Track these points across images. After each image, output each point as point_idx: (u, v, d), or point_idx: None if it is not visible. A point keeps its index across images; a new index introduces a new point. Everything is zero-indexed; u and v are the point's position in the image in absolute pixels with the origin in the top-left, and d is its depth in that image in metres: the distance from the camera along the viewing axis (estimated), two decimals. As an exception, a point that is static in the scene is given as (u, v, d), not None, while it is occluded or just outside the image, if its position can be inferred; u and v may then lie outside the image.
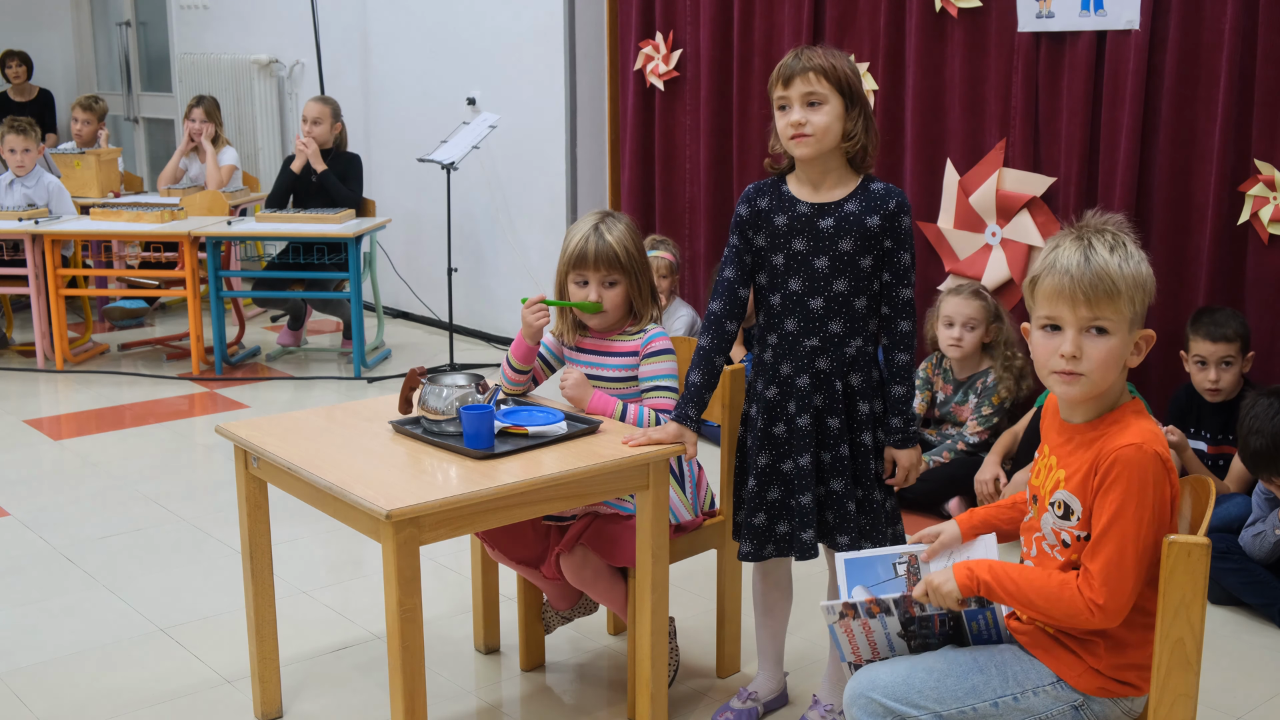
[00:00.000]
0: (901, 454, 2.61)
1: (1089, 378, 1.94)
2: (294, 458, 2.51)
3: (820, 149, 2.51)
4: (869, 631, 2.10)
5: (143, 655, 3.18)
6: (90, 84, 9.75)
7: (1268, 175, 3.67)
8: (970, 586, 2.00)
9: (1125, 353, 1.96)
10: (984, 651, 2.07)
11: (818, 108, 2.49)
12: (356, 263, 5.75)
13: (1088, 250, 1.92)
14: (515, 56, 6.25)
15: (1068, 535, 1.99)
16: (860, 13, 4.69)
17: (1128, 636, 1.98)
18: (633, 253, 2.80)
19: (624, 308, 2.83)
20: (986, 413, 4.12)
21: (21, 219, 5.85)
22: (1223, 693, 2.96)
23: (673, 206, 5.58)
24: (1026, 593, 1.95)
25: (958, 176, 4.45)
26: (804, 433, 2.58)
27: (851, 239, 2.52)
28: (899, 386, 2.60)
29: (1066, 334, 1.94)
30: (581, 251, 2.78)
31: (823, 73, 2.49)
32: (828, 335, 2.56)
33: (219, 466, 4.65)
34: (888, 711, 2.02)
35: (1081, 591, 1.91)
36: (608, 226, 2.80)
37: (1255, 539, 3.33)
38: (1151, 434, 1.93)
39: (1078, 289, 1.91)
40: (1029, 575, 1.98)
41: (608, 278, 2.79)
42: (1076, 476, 1.97)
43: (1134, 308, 1.93)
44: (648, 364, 2.80)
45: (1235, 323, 3.64)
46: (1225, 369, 3.63)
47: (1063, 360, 1.94)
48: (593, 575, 2.78)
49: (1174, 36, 3.83)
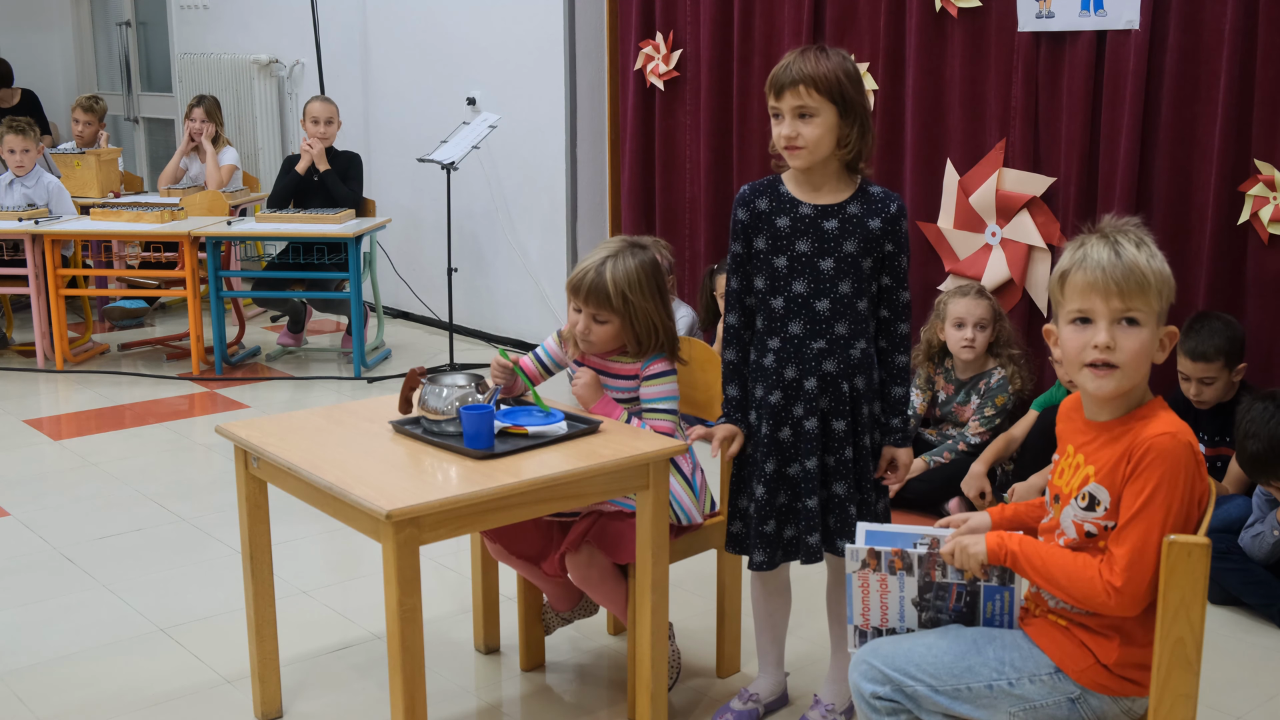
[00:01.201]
0: (902, 453, 2.62)
1: (1123, 370, 1.95)
2: (294, 458, 2.51)
3: (814, 160, 2.51)
4: (884, 590, 2.11)
5: (143, 655, 3.18)
6: (90, 84, 9.74)
7: (1268, 175, 3.67)
8: (998, 554, 2.03)
9: (1154, 347, 1.98)
10: (986, 635, 2.09)
11: (809, 120, 2.48)
12: (356, 263, 5.75)
13: (1116, 246, 1.96)
14: (515, 56, 6.25)
15: (1092, 526, 1.99)
16: (860, 13, 4.69)
17: (1142, 634, 1.98)
18: (630, 295, 2.70)
19: (616, 341, 2.78)
20: (989, 414, 4.12)
21: (21, 219, 5.85)
22: (1223, 693, 2.96)
23: (673, 206, 5.58)
24: (1051, 568, 1.98)
25: (958, 176, 4.45)
26: (811, 436, 2.58)
27: (855, 241, 2.52)
28: (898, 388, 2.61)
29: (1099, 325, 1.96)
30: (577, 281, 2.74)
31: (813, 84, 2.45)
32: (834, 337, 2.56)
33: (219, 466, 4.65)
34: (886, 679, 2.06)
35: (1101, 573, 1.93)
36: (616, 262, 2.72)
37: (1254, 540, 3.33)
38: (1182, 426, 1.96)
39: (1110, 281, 1.93)
40: (1056, 552, 2.00)
41: (597, 314, 2.75)
42: (1105, 469, 1.98)
43: (1161, 302, 1.97)
44: (648, 385, 2.79)
45: (1219, 339, 3.55)
46: (1206, 385, 3.61)
47: (1096, 351, 1.95)
48: (598, 575, 2.78)
49: (1174, 36, 3.83)
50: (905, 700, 2.05)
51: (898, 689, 2.05)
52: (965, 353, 4.13)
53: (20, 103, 8.02)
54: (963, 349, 4.13)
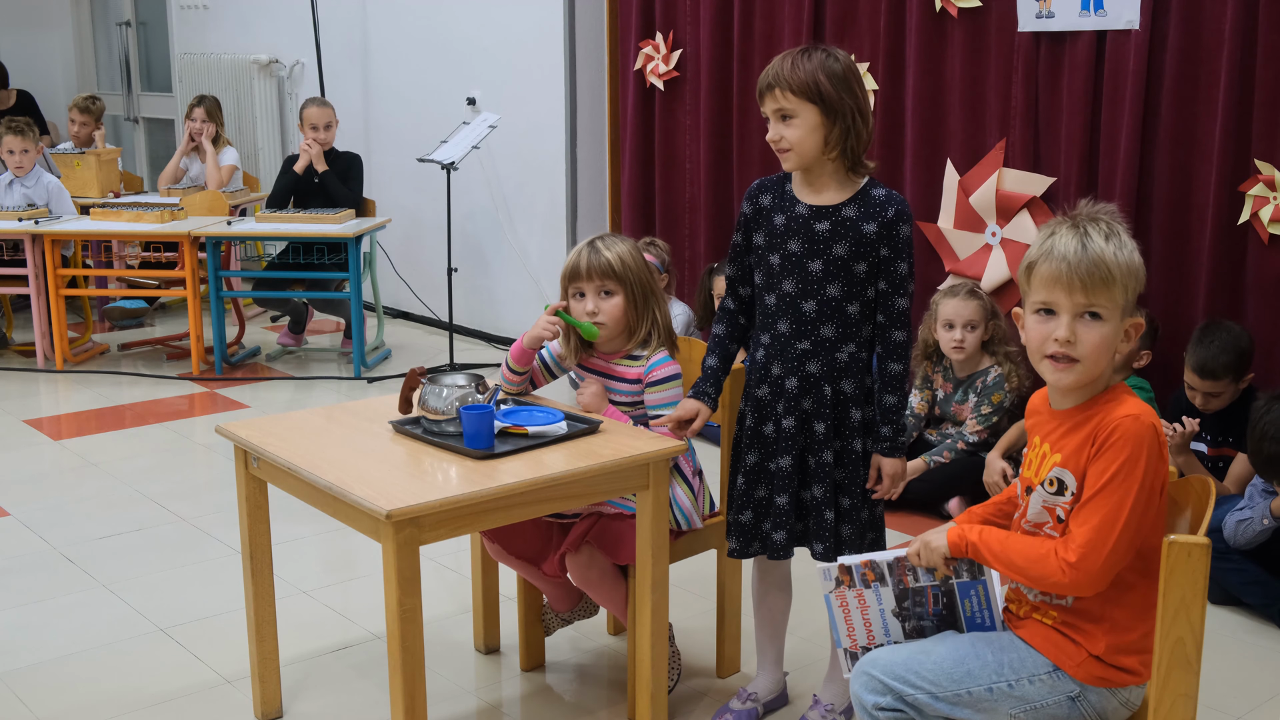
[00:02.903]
0: (886, 462, 2.58)
1: (1083, 364, 1.96)
2: (294, 458, 2.51)
3: (802, 161, 2.51)
4: (864, 606, 2.12)
5: (143, 655, 3.18)
6: (90, 84, 9.74)
7: (1268, 175, 3.67)
8: (959, 546, 2.05)
9: (1117, 339, 1.98)
10: (983, 639, 2.09)
11: (789, 122, 2.49)
12: (356, 263, 5.75)
13: (1084, 238, 1.96)
14: (515, 56, 6.25)
15: (1061, 510, 2.00)
16: (860, 13, 4.69)
17: (1127, 620, 1.99)
18: (630, 265, 2.78)
19: (623, 321, 2.81)
20: (986, 411, 4.12)
21: (21, 219, 5.85)
22: (1223, 693, 2.96)
23: (673, 206, 5.58)
24: (1010, 552, 2.00)
25: (958, 176, 4.45)
26: (788, 434, 2.58)
27: (846, 244, 2.52)
28: (890, 396, 2.57)
29: (1061, 319, 1.96)
30: (575, 265, 2.79)
31: (789, 87, 2.46)
32: (819, 339, 2.56)
33: (219, 466, 4.65)
34: (886, 689, 2.06)
35: (1057, 551, 1.94)
36: (606, 242, 2.81)
37: (1240, 525, 3.27)
38: (1146, 409, 1.96)
39: (1074, 275, 1.94)
40: (1014, 538, 2.03)
41: (603, 286, 2.77)
42: (1070, 453, 1.99)
43: (1126, 295, 1.96)
44: (653, 391, 2.80)
45: (1228, 357, 3.54)
46: (1213, 398, 3.61)
47: (1056, 344, 1.96)
48: (598, 575, 2.78)
49: (1174, 36, 3.83)
50: (907, 709, 2.05)
51: (899, 698, 2.05)
52: (955, 354, 4.14)
53: (16, 104, 8.01)
54: (953, 350, 4.14)
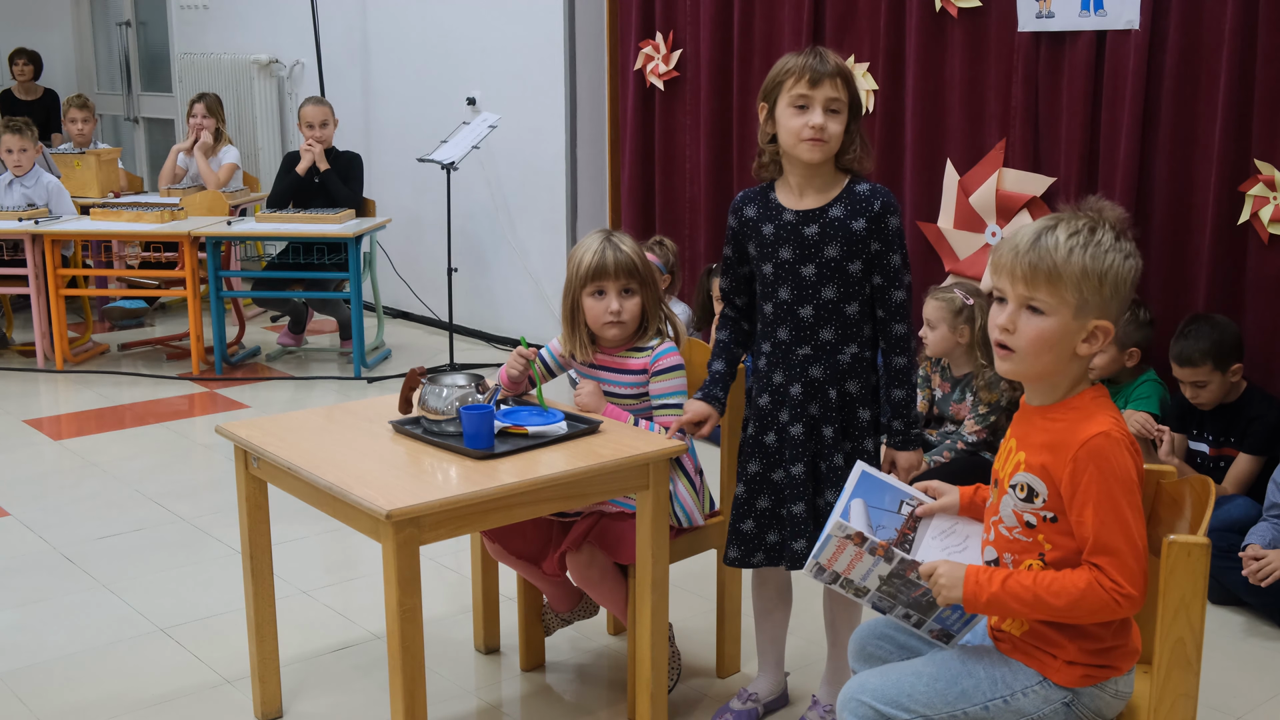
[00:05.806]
0: (901, 455, 2.59)
1: (1018, 355, 1.96)
2: (294, 458, 2.51)
3: (828, 155, 2.52)
4: (858, 558, 2.09)
5: (143, 655, 3.18)
6: (90, 84, 9.75)
7: (1268, 175, 3.67)
8: (974, 603, 1.96)
9: (1064, 338, 1.93)
10: (972, 656, 2.07)
11: (836, 115, 2.50)
12: (356, 263, 5.75)
13: (1046, 232, 1.93)
14: (515, 57, 6.25)
15: (1032, 517, 1.98)
16: (860, 13, 4.69)
17: (1090, 628, 1.97)
18: (643, 264, 2.81)
19: (639, 319, 2.82)
20: (982, 411, 4.11)
21: (21, 219, 5.85)
22: (1223, 693, 2.96)
23: (673, 206, 5.58)
24: (1042, 598, 1.92)
25: (958, 176, 4.45)
26: (797, 442, 2.58)
27: (838, 245, 2.52)
28: (898, 390, 2.57)
29: (1008, 306, 1.97)
30: (600, 263, 2.76)
31: (846, 82, 2.50)
32: (819, 343, 2.56)
33: (219, 466, 4.65)
34: (879, 715, 2.03)
35: (1103, 585, 1.89)
36: (619, 239, 2.81)
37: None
38: (1116, 419, 1.95)
39: (1016, 266, 1.93)
40: (1038, 582, 1.93)
41: (626, 285, 2.77)
42: (1034, 458, 1.97)
43: (1081, 295, 1.91)
44: (658, 381, 2.80)
45: (1203, 343, 3.55)
46: (1200, 389, 3.60)
47: (998, 331, 1.97)
48: (599, 575, 2.78)
49: (1174, 36, 3.83)
50: None
51: None
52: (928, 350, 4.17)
53: (41, 99, 8.08)
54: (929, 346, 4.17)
